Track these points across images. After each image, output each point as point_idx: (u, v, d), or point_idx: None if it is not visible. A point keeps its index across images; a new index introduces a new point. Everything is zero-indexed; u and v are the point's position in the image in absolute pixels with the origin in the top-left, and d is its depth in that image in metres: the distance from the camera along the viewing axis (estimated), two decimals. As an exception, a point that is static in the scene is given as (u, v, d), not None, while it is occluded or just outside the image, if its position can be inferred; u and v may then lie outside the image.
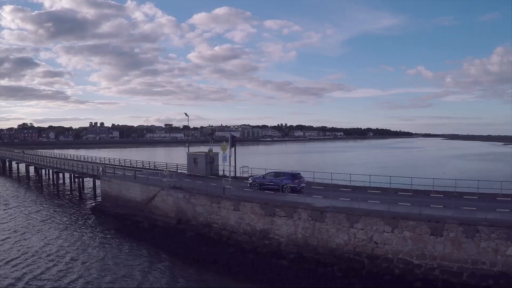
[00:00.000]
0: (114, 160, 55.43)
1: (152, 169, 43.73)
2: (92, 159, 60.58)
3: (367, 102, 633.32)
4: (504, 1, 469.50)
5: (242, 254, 21.46)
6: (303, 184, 27.59)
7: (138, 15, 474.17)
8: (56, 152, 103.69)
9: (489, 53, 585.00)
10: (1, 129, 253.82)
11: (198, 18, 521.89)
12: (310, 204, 21.69)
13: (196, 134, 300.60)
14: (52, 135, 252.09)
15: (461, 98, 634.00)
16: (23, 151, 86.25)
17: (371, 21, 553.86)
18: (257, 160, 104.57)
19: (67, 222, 32.04)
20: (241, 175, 34.19)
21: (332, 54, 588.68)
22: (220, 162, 26.01)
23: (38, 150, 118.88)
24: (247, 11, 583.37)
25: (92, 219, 33.28)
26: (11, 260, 22.54)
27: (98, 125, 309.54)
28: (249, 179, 29.88)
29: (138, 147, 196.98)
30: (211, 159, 34.88)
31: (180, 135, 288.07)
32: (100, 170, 39.16)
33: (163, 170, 39.75)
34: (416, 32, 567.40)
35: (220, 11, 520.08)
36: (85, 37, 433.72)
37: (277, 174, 28.32)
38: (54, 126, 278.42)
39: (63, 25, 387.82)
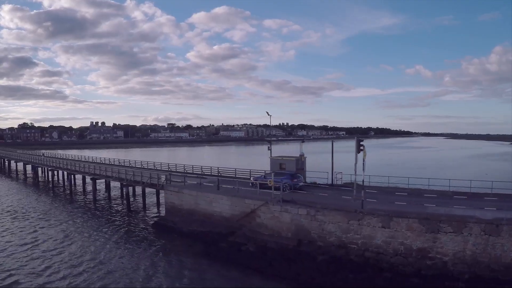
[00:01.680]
0: (160, 164, 51.70)
1: (215, 175, 40.53)
2: (131, 163, 57.01)
3: (366, 102, 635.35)
4: (504, 0, 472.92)
5: (404, 278, 18.67)
6: (301, 183, 29.87)
7: (137, 14, 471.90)
8: (60, 152, 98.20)
9: (488, 53, 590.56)
10: (3, 128, 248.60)
11: (198, 17, 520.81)
12: (479, 217, 19.21)
13: (201, 134, 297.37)
14: (55, 134, 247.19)
15: (460, 97, 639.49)
16: (43, 154, 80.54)
17: (370, 20, 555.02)
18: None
19: (131, 245, 26.31)
20: (335, 182, 31.48)
21: (331, 53, 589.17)
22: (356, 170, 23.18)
23: (42, 151, 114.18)
24: (246, 11, 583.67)
25: (158, 238, 27.77)
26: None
27: (100, 124, 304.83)
28: (251, 178, 31.93)
29: (145, 147, 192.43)
30: (302, 164, 31.99)
31: (184, 135, 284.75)
32: (163, 179, 33.72)
33: (233, 178, 36.74)
34: (416, 31, 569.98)
35: (219, 10, 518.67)
36: (84, 37, 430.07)
37: (277, 174, 30.00)
38: (55, 126, 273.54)
39: (62, 25, 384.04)
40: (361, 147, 23.61)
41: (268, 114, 36.74)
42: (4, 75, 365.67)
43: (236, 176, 38.31)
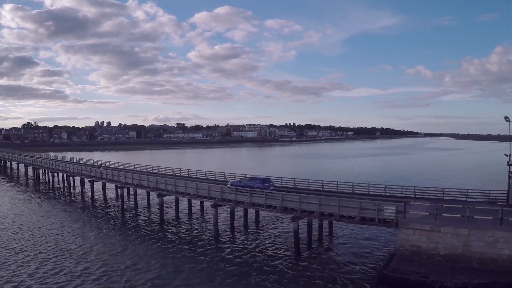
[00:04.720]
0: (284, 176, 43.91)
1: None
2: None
3: (366, 102, 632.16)
4: (504, 1, 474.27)
5: None
6: (271, 188, 31.79)
7: (139, 14, 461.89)
8: (70, 155, 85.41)
9: (488, 53, 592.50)
10: (9, 128, 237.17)
11: (199, 17, 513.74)
12: None
13: (214, 134, 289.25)
14: (64, 135, 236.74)
15: (460, 97, 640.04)
16: (100, 165, 61.04)
17: (370, 20, 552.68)
18: (335, 168, 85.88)
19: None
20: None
21: (331, 53, 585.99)
22: None
23: (50, 153, 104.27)
24: (248, 11, 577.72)
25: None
26: None
27: (105, 124, 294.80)
28: (228, 183, 34.23)
29: (161, 149, 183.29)
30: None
31: (198, 135, 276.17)
32: (390, 211, 22.87)
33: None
34: (416, 31, 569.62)
35: (221, 10, 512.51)
36: (85, 36, 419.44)
37: (251, 179, 33.23)
38: (60, 126, 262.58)
39: (64, 24, 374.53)
40: None
41: (507, 120, 29.85)
42: (5, 75, 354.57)
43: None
